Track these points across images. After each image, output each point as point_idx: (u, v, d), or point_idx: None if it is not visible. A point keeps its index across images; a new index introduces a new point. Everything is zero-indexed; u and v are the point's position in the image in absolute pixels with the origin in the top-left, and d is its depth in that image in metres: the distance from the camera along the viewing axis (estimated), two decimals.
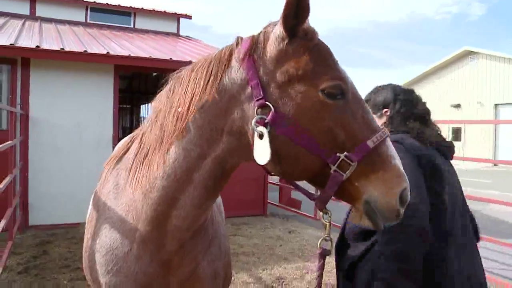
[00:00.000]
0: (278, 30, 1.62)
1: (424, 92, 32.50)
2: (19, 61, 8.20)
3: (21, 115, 7.98)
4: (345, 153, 1.57)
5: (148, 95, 22.77)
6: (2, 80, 8.23)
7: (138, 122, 27.71)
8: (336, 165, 1.57)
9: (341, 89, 1.60)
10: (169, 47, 12.00)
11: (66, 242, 7.17)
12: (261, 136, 1.58)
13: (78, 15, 14.15)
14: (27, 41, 8.61)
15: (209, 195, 1.84)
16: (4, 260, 5.47)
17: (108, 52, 8.74)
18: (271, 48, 1.64)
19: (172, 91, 1.86)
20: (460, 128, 31.60)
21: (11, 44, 7.87)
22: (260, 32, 1.72)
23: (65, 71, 8.52)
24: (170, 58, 9.38)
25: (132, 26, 14.93)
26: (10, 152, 6.17)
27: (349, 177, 1.58)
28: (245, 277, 5.88)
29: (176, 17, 15.84)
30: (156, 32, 14.99)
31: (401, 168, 1.61)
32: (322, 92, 1.58)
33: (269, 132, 1.57)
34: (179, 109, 1.76)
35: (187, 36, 15.93)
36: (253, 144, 1.63)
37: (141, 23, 15.08)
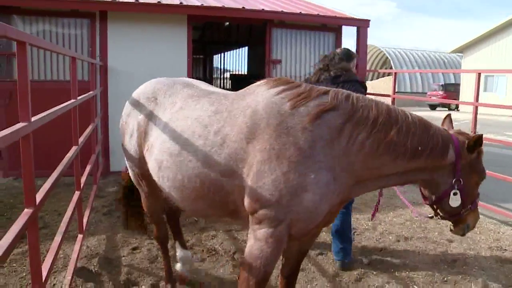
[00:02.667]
0: (466, 145, 2.93)
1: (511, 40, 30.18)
2: (97, 15, 8.48)
3: (100, 66, 8.32)
4: (470, 206, 3.05)
5: (220, 45, 22.91)
6: (83, 34, 8.57)
7: (210, 72, 28.00)
8: (465, 210, 3.05)
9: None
10: None
11: None
12: (455, 194, 2.95)
13: None
14: None
15: (398, 183, 3.11)
16: (91, 202, 5.87)
17: (181, 3, 8.81)
18: (464, 152, 2.92)
19: (402, 130, 2.77)
20: None
21: None
22: (465, 140, 2.93)
23: (140, 23, 8.72)
24: (243, 7, 9.31)
25: None
26: (92, 102, 6.48)
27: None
28: None
29: None
30: None
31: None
32: (479, 180, 3.08)
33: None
34: (420, 148, 2.77)
35: None
36: (448, 196, 2.96)
37: None
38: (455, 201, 2.95)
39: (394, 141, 2.71)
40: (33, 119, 2.50)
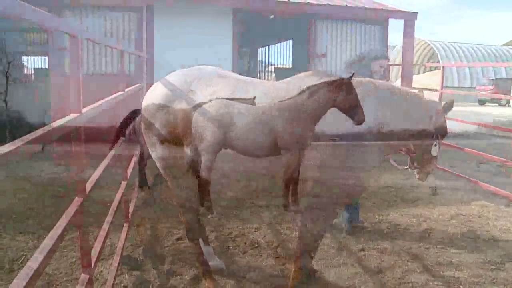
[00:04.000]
0: (442, 108, 4.17)
1: None
2: (144, 9, 8.64)
3: (147, 59, 8.47)
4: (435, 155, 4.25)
5: (265, 38, 22.85)
6: (131, 27, 8.74)
7: (255, 65, 27.96)
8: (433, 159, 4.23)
9: None
10: None
11: None
12: (435, 145, 4.04)
13: None
14: None
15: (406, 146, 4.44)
16: (136, 192, 6.00)
17: None
18: (440, 114, 3.96)
19: (408, 102, 3.91)
20: None
21: None
22: (439, 106, 4.11)
23: (185, 16, 8.84)
24: (288, 0, 9.28)
25: None
26: (139, 94, 6.61)
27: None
28: None
29: None
30: None
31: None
32: (445, 134, 4.11)
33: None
34: (419, 114, 3.94)
35: None
36: (431, 147, 4.11)
37: None
38: (435, 151, 3.99)
39: (407, 110, 3.78)
40: (83, 110, 2.57)
